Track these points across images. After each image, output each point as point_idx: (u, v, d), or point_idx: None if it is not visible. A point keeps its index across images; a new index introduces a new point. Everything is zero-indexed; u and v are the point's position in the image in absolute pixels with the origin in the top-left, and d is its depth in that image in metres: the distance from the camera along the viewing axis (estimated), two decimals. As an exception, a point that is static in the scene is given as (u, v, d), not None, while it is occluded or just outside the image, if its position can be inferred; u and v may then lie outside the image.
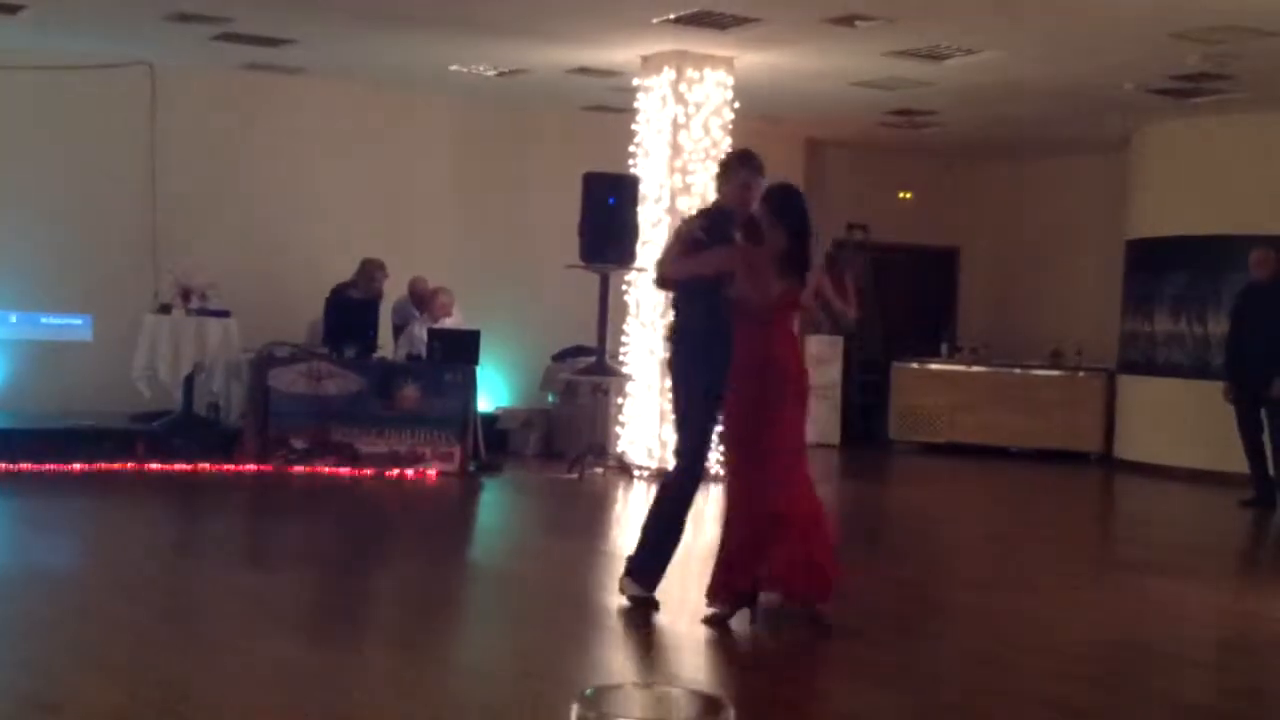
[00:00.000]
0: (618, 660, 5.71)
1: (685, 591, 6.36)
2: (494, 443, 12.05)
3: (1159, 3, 9.10)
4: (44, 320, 11.95)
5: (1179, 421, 13.08)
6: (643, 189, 11.26)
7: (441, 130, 13.45)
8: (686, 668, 5.58)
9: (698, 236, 6.18)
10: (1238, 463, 11.09)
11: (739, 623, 5.94)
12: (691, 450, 6.26)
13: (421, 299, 11.84)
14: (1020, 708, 5.03)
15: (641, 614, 6.13)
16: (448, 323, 11.58)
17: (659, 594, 6.23)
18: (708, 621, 5.94)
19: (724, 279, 5.96)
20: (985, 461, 14.09)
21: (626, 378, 11.44)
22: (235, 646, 5.39)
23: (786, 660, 5.76)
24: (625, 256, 10.96)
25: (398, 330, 11.82)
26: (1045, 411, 14.51)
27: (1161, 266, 13.41)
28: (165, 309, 11.21)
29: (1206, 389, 11.98)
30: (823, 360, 14.78)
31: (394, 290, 11.85)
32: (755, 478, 5.91)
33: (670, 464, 7.12)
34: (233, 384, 11.35)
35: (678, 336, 6.37)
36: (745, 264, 5.92)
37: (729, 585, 5.93)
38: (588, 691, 2.10)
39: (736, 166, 6.37)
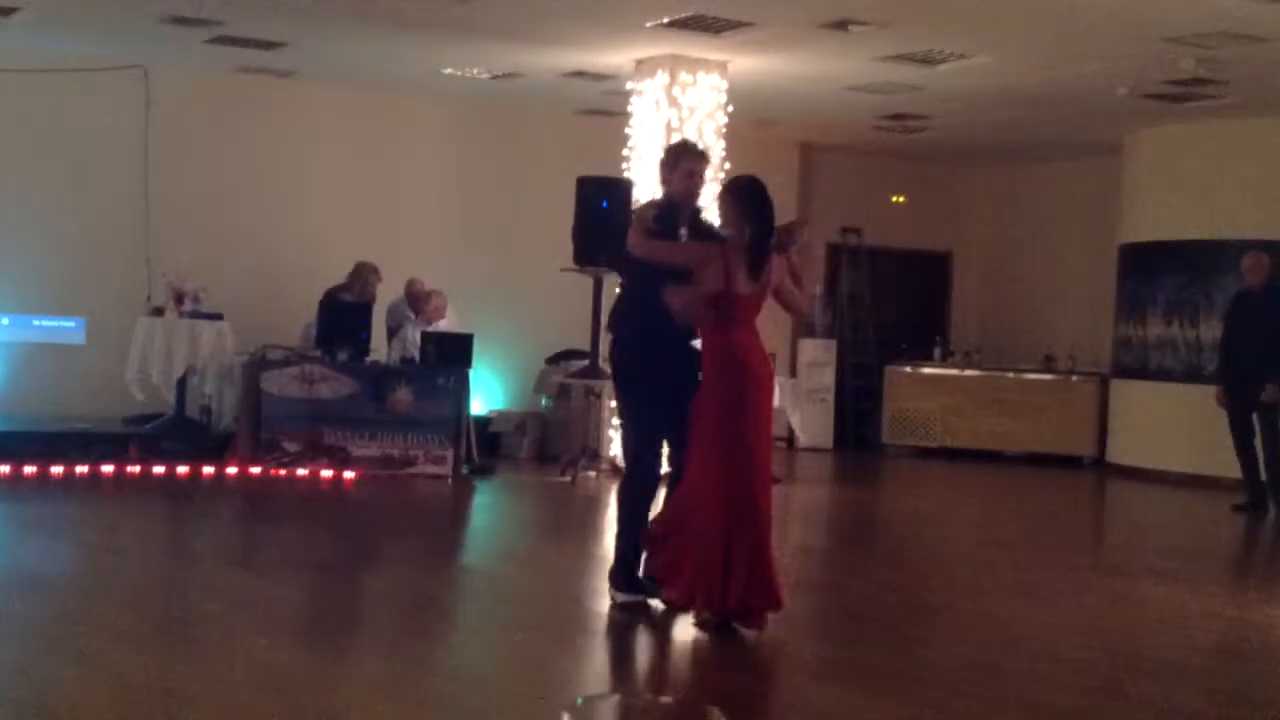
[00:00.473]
0: (609, 665, 5.71)
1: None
2: (487, 446, 12.05)
3: (1153, 8, 9.12)
4: (37, 323, 11.94)
5: (1171, 426, 13.11)
6: (636, 192, 11.24)
7: (435, 133, 13.45)
8: (677, 672, 5.58)
9: (650, 226, 6.16)
10: (1230, 467, 11.12)
11: (729, 626, 5.93)
12: (641, 450, 6.24)
13: (418, 299, 11.84)
14: (1004, 712, 5.03)
15: (631, 618, 6.14)
16: (441, 325, 11.59)
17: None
18: (699, 626, 5.93)
19: (687, 275, 5.94)
20: (978, 466, 14.11)
21: (619, 381, 11.43)
22: (229, 651, 5.38)
23: (776, 664, 5.76)
24: (618, 260, 10.92)
25: (391, 333, 11.82)
26: (1038, 416, 14.54)
27: (1154, 271, 13.43)
28: (158, 312, 11.20)
29: (1199, 394, 12.02)
30: (816, 364, 14.83)
31: (387, 293, 11.84)
32: (738, 478, 5.87)
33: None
34: (225, 387, 11.34)
35: (622, 325, 6.32)
36: (723, 262, 5.92)
37: (716, 589, 5.89)
38: (578, 701, 2.10)
39: (681, 155, 6.34)
